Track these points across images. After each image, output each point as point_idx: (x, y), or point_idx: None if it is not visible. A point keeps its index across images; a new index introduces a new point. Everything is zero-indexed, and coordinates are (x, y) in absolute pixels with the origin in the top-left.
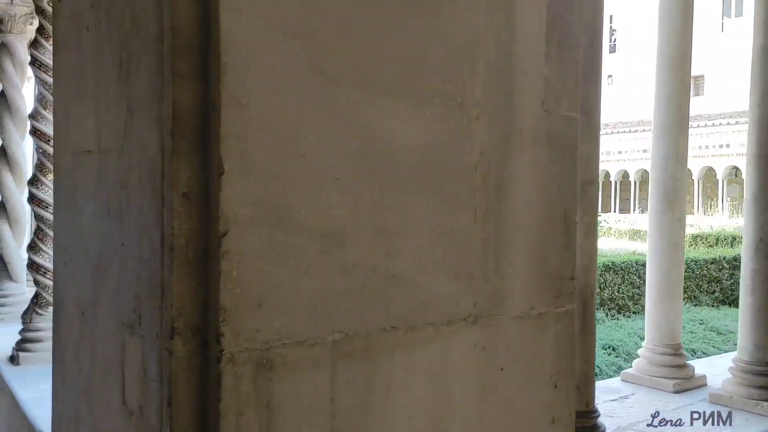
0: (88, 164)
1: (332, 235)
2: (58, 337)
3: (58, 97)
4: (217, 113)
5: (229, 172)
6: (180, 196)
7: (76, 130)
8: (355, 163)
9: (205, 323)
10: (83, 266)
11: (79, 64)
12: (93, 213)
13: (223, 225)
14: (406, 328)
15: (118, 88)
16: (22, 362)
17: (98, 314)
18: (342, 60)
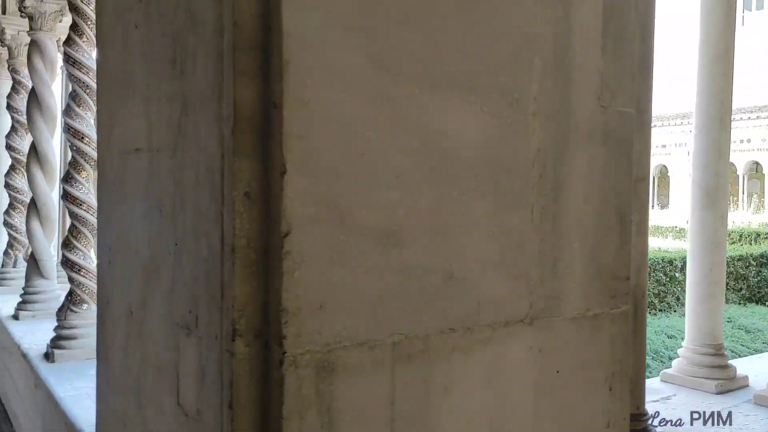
0: (137, 162)
1: (391, 234)
2: (102, 336)
3: (102, 95)
4: (279, 111)
5: (291, 171)
6: (241, 196)
7: (123, 128)
8: (414, 160)
9: (267, 325)
10: (132, 265)
11: (125, 62)
12: (143, 212)
13: (286, 225)
14: (463, 329)
15: (171, 85)
16: (57, 359)
17: (149, 314)
18: (401, 54)
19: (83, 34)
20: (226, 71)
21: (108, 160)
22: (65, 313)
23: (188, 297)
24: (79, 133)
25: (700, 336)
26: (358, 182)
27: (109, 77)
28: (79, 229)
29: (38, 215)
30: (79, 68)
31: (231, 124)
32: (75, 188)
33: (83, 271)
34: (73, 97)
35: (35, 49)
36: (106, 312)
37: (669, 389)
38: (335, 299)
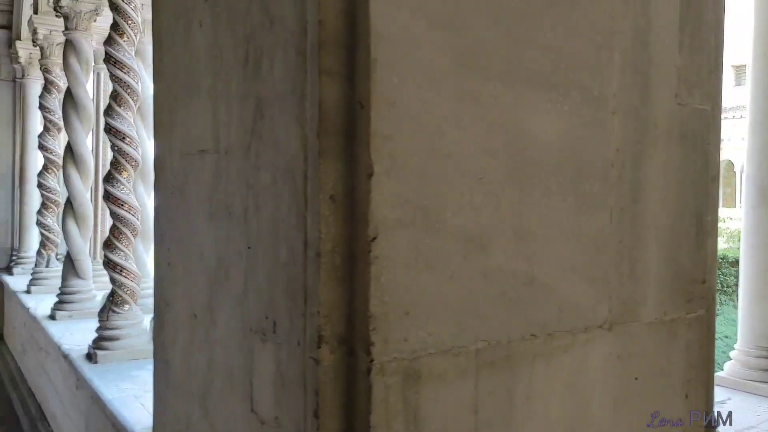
0: (202, 164)
1: (475, 238)
2: (160, 338)
3: (161, 96)
4: (366, 111)
5: (379, 173)
6: (327, 199)
7: (185, 129)
8: (498, 161)
9: (352, 331)
10: (195, 268)
11: (188, 62)
12: (208, 214)
13: (373, 229)
14: (545, 336)
15: (243, 85)
16: (100, 360)
17: (217, 319)
18: (484, 51)
19: (124, 34)
20: (309, 71)
21: (167, 161)
22: (107, 313)
23: (264, 302)
24: (120, 133)
25: (754, 338)
26: (444, 184)
27: (168, 78)
28: (121, 230)
29: (74, 215)
30: (120, 68)
31: (315, 125)
32: (116, 188)
33: (125, 272)
34: (114, 97)
35: (71, 48)
36: (165, 315)
37: (723, 393)
38: (421, 305)
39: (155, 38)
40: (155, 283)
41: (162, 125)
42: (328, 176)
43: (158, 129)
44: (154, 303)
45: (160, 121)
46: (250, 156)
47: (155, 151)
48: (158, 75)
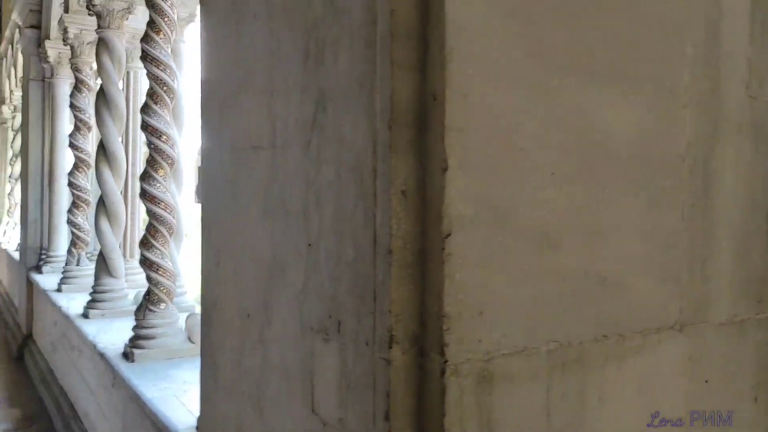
0: (256, 160)
1: (547, 236)
2: (208, 338)
3: (210, 91)
4: (440, 104)
5: (453, 167)
6: (398, 195)
7: (237, 124)
8: (570, 155)
9: (424, 331)
10: (247, 266)
11: (240, 56)
12: (262, 211)
13: (447, 225)
14: (616, 336)
15: (303, 78)
16: (137, 359)
17: (272, 318)
18: (556, 42)
19: (160, 31)
20: (380, 62)
21: (216, 158)
22: (144, 312)
23: (326, 301)
24: (157, 131)
25: None
26: (516, 179)
27: (218, 73)
28: (157, 228)
29: (107, 213)
30: (157, 65)
31: (387, 119)
32: (153, 186)
33: (161, 271)
34: (151, 95)
35: (103, 47)
36: (212, 313)
37: None
38: (494, 304)
39: (204, 33)
40: (202, 282)
41: (210, 121)
42: (400, 171)
43: (206, 125)
44: (201, 301)
45: (209, 117)
46: (311, 151)
47: (202, 148)
48: (207, 70)
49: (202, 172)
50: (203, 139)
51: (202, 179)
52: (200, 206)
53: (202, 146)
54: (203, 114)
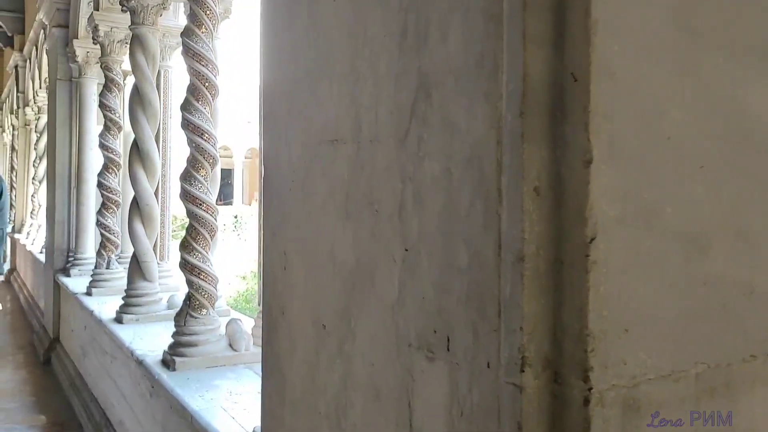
0: (334, 155)
1: (695, 239)
2: (273, 348)
3: (273, 82)
4: (582, 85)
5: (598, 160)
6: (531, 192)
7: (309, 117)
8: (718, 146)
9: (558, 353)
10: (323, 272)
11: (313, 42)
12: (344, 211)
13: (591, 228)
14: (764, 356)
15: (398, 62)
16: (178, 367)
17: (357, 330)
18: (704, 13)
19: (202, 24)
20: (508, 37)
21: (282, 154)
22: (184, 318)
23: (430, 314)
24: (198, 129)
25: None
26: (663, 173)
27: (283, 62)
28: (198, 230)
29: (140, 215)
30: (199, 60)
31: (518, 103)
32: (194, 187)
33: (203, 275)
34: (192, 91)
35: (137, 43)
36: (278, 323)
37: None
38: (639, 320)
39: (265, 20)
40: (266, 287)
41: (274, 115)
42: (533, 164)
43: (270, 119)
44: (263, 309)
45: (273, 110)
46: (408, 144)
47: (264, 144)
48: (269, 60)
49: (264, 170)
50: (266, 135)
51: (264, 178)
52: (263, 206)
53: (264, 142)
54: (266, 107)
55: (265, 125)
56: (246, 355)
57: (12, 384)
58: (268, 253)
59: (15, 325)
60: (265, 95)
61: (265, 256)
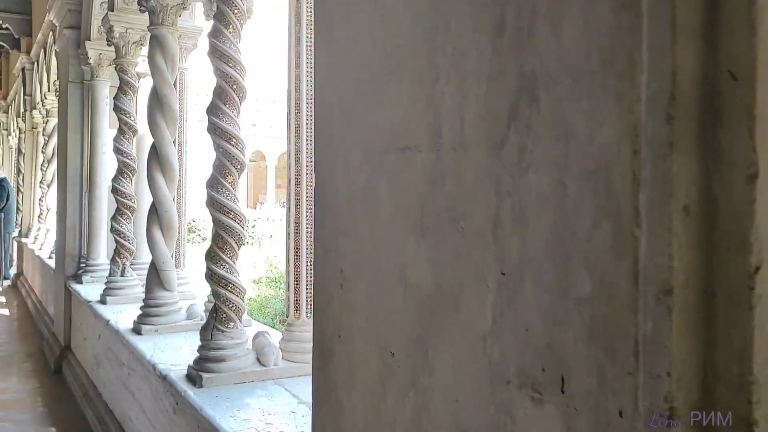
0: (405, 164)
1: None
2: (327, 375)
3: (328, 85)
4: (745, 85)
5: (764, 174)
6: (680, 212)
7: (373, 121)
8: None
9: (709, 402)
10: (391, 294)
11: (379, 39)
12: (419, 227)
13: (756, 255)
14: None
15: (493, 60)
16: (206, 384)
17: (435, 361)
18: None
19: (230, 24)
20: (651, 29)
21: (339, 162)
22: (211, 332)
23: (538, 348)
24: (226, 134)
25: None
26: None
27: (340, 63)
28: (225, 240)
29: (159, 222)
30: (227, 61)
31: (664, 106)
32: (221, 194)
33: (230, 286)
34: (219, 94)
35: (156, 44)
36: (333, 346)
37: None
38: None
39: (319, 17)
40: (318, 307)
41: (329, 120)
42: (682, 178)
43: (323, 124)
44: (315, 330)
45: (327, 114)
46: (506, 153)
47: (317, 153)
48: (324, 61)
49: (317, 180)
50: (318, 141)
51: (316, 187)
52: (314, 220)
53: (316, 151)
54: (317, 112)
55: (316, 133)
56: (275, 370)
57: (22, 393)
58: (320, 269)
59: (23, 331)
60: (316, 98)
61: (316, 272)
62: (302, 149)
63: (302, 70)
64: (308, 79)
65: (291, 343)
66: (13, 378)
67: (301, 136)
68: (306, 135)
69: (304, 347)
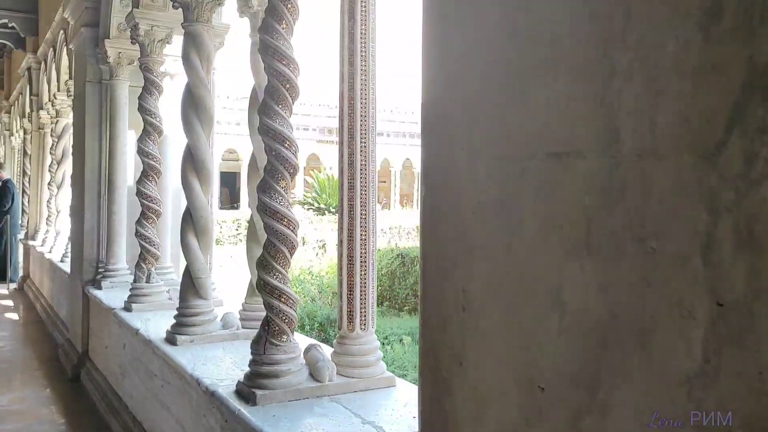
0: (559, 172)
1: None
2: (443, 408)
3: (439, 81)
4: None
5: None
6: None
7: (510, 123)
8: None
9: None
10: (540, 319)
11: (521, 26)
12: (581, 246)
13: None
14: None
15: (703, 52)
16: (260, 401)
17: (610, 402)
18: None
19: (282, 20)
20: None
21: (461, 168)
22: (263, 346)
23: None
24: (279, 136)
25: None
26: None
27: (466, 54)
28: (278, 248)
29: (194, 228)
30: (280, 59)
31: None
32: (274, 200)
33: (283, 297)
34: (271, 94)
35: (190, 43)
36: (453, 376)
37: None
38: None
39: (432, 9)
40: (424, 329)
41: (445, 121)
42: None
43: (437, 127)
44: (423, 355)
45: (442, 115)
46: (725, 161)
47: (425, 157)
48: (436, 57)
49: (426, 188)
50: (428, 146)
51: (425, 198)
52: (422, 233)
53: (426, 156)
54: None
55: (426, 133)
56: (330, 386)
57: (40, 403)
58: (430, 289)
59: (34, 336)
60: (426, 98)
61: (425, 291)
62: (356, 152)
63: (356, 69)
64: (362, 78)
65: (344, 356)
66: (29, 386)
67: (354, 139)
68: (360, 137)
69: (358, 361)
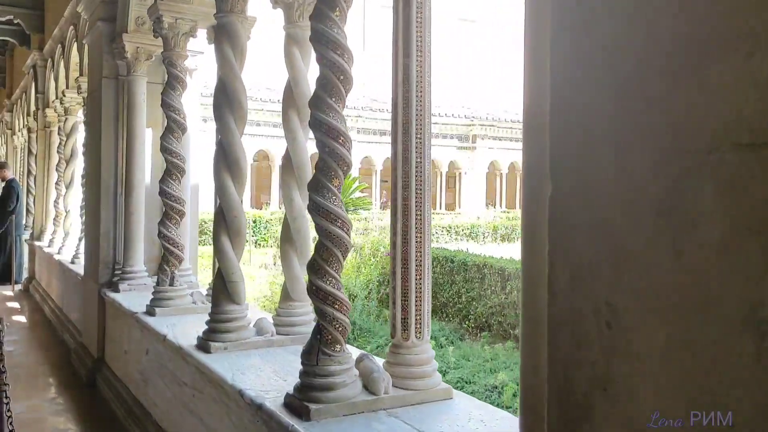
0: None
1: None
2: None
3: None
4: None
5: None
6: None
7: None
8: None
9: None
10: (722, 342)
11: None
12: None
13: None
14: None
15: None
16: (314, 416)
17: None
18: None
19: (336, 7)
20: None
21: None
22: (316, 356)
23: None
24: (333, 131)
25: None
26: None
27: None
28: (331, 250)
29: (227, 229)
30: (334, 48)
31: None
32: (327, 200)
33: (337, 304)
34: (324, 86)
35: (224, 35)
36: (595, 402)
37: None
38: None
39: None
40: (552, 347)
41: (580, 109)
42: None
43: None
44: (552, 377)
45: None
46: None
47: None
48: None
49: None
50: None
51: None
52: (550, 236)
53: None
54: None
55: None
56: (385, 399)
57: (56, 411)
58: (559, 300)
59: (44, 340)
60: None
61: (553, 302)
62: (411, 148)
63: (411, 60)
64: (418, 69)
65: (399, 367)
66: (43, 393)
67: (409, 134)
68: (415, 132)
69: (415, 372)
